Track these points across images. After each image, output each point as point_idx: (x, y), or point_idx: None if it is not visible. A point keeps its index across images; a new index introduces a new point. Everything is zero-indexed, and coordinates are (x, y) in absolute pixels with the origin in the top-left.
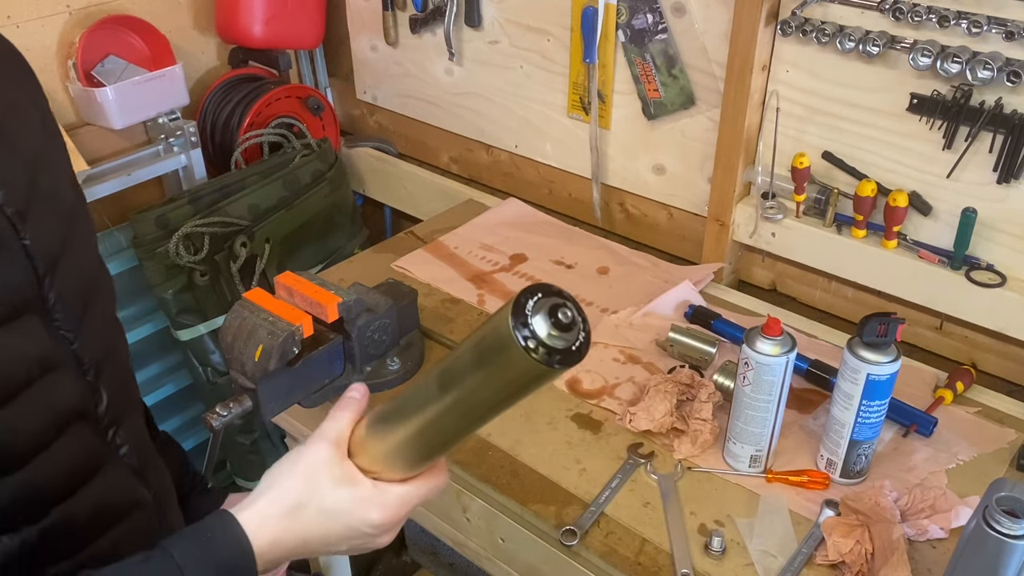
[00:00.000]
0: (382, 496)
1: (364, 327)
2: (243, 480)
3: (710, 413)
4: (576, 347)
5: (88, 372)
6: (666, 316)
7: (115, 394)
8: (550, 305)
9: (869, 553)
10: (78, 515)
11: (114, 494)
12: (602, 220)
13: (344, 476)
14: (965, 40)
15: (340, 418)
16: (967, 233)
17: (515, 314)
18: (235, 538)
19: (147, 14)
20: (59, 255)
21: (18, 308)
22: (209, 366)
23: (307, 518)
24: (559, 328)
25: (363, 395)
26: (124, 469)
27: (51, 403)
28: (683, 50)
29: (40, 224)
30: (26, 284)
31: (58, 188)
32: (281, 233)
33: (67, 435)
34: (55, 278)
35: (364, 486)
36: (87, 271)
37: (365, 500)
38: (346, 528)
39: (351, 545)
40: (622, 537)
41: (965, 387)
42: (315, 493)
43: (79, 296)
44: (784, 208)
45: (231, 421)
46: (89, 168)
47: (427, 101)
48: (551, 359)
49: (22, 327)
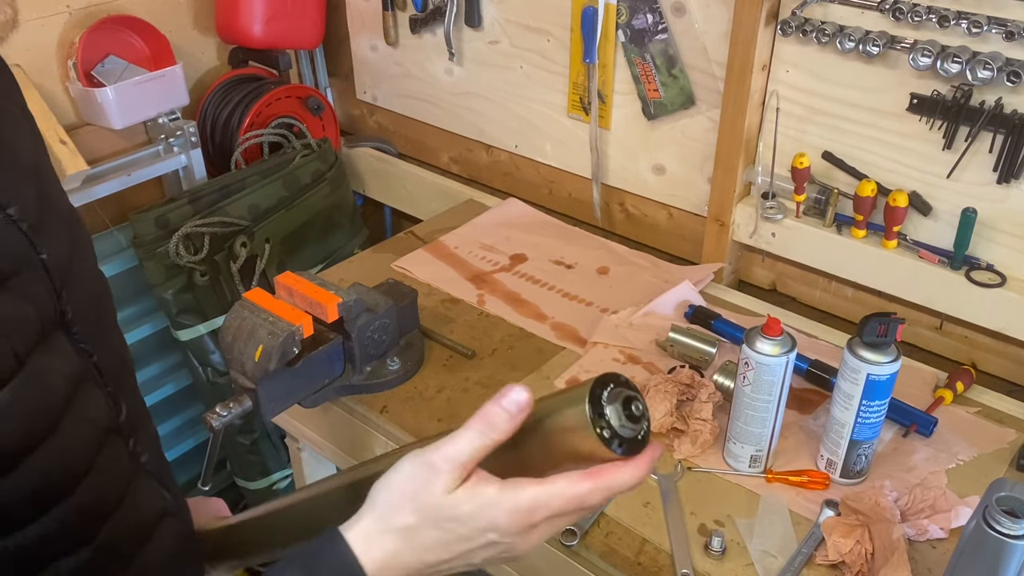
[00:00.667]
0: (510, 499)
1: (364, 327)
2: (243, 480)
3: (710, 413)
4: (641, 436)
5: (109, 383)
6: (666, 316)
7: (131, 402)
8: (624, 397)
9: (869, 553)
10: (123, 529)
11: (147, 504)
12: (602, 220)
13: (459, 482)
14: (965, 40)
15: (471, 443)
16: (967, 233)
17: (591, 402)
18: (343, 561)
19: (147, 14)
20: (69, 265)
21: (46, 327)
22: (209, 366)
23: (423, 538)
24: (631, 419)
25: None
26: (148, 478)
27: (89, 419)
28: (683, 50)
29: (51, 236)
30: (48, 300)
31: (58, 195)
32: (281, 233)
33: (105, 449)
34: (70, 290)
35: (486, 490)
36: (92, 279)
37: (487, 505)
38: (467, 539)
39: (483, 557)
40: (622, 537)
41: (965, 387)
42: (428, 511)
43: (91, 306)
44: (784, 208)
45: (231, 421)
46: (89, 168)
47: (427, 101)
48: (618, 446)
49: (53, 346)
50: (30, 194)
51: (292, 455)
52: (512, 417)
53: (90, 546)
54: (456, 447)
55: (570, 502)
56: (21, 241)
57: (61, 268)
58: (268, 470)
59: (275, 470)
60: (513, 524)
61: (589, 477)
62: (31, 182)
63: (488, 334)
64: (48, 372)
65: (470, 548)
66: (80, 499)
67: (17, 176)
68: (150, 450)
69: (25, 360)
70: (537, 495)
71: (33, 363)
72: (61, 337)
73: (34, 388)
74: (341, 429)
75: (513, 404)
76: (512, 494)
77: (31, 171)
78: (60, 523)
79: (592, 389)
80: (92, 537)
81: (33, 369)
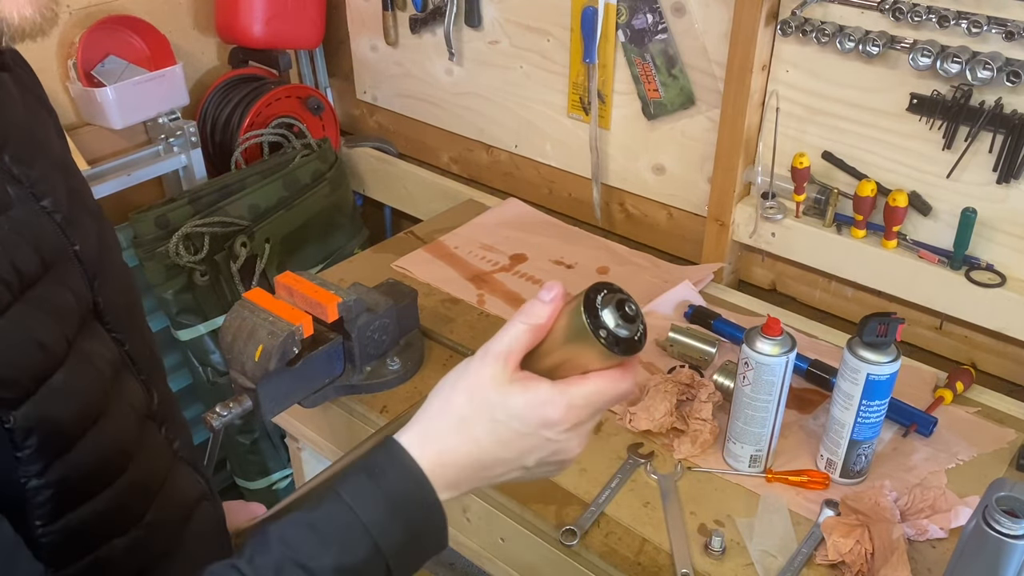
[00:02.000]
0: (561, 395)
1: (364, 327)
2: (243, 480)
3: (710, 413)
4: (638, 337)
5: (141, 372)
6: (666, 316)
7: (162, 391)
8: (617, 299)
9: (869, 553)
10: (167, 511)
11: (184, 489)
12: (602, 220)
13: (513, 381)
14: (965, 40)
15: (512, 332)
16: (967, 233)
17: (587, 309)
18: (403, 465)
19: (147, 14)
20: (99, 258)
21: (85, 317)
22: (209, 366)
23: (476, 431)
24: (626, 320)
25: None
26: (182, 463)
27: (131, 404)
28: (683, 50)
29: (82, 228)
30: (85, 290)
31: (84, 188)
32: (281, 233)
33: (144, 435)
34: (101, 281)
35: (539, 388)
36: (120, 271)
37: (540, 402)
38: (521, 435)
39: (538, 459)
40: (622, 537)
41: (965, 387)
42: (482, 403)
43: (121, 297)
44: (784, 208)
45: (231, 421)
46: (89, 168)
47: (427, 101)
48: (616, 346)
49: (93, 333)
50: (61, 187)
51: (292, 455)
52: (546, 304)
53: (140, 524)
54: (498, 340)
55: (611, 399)
56: (57, 233)
57: (93, 260)
58: (268, 470)
59: (275, 470)
60: (566, 420)
61: (625, 374)
62: (61, 175)
63: (488, 334)
64: (94, 356)
65: (525, 448)
66: (133, 477)
67: (49, 169)
68: (181, 437)
69: (74, 343)
70: (588, 392)
71: (80, 346)
72: (98, 326)
73: (85, 370)
74: (341, 429)
75: (547, 292)
76: (565, 391)
77: (60, 166)
78: (116, 500)
79: (587, 295)
80: (141, 516)
81: (81, 351)
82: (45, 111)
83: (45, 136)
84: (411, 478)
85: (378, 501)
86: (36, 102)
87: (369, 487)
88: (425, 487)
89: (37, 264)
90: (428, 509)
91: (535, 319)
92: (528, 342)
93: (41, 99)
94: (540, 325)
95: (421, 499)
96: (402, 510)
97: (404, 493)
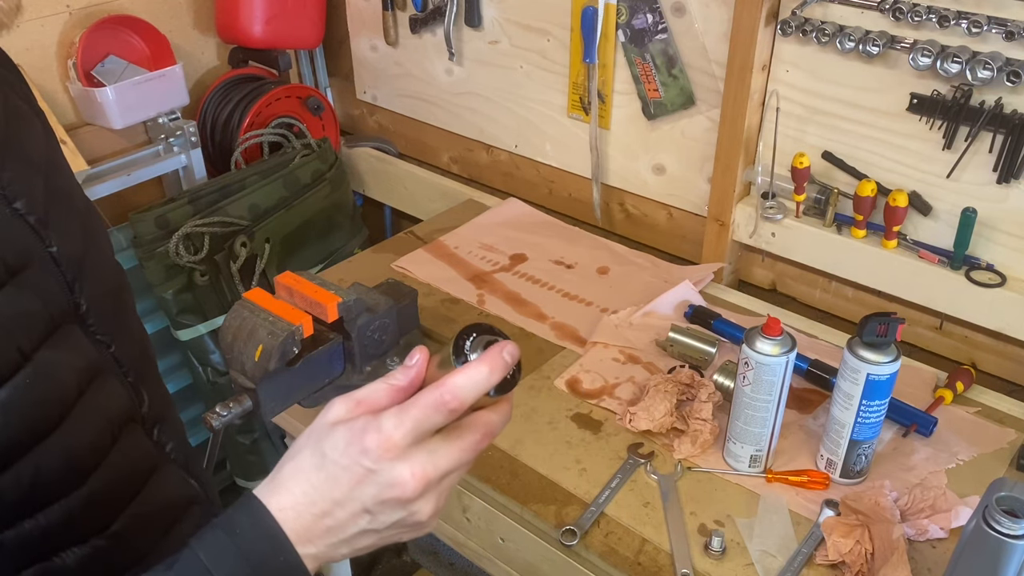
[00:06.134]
0: (374, 420)
1: (364, 327)
2: (243, 480)
3: (710, 413)
4: (510, 376)
5: (129, 374)
6: (666, 316)
7: (154, 392)
8: (486, 342)
9: (869, 553)
10: (143, 518)
11: (171, 492)
12: (602, 220)
13: (341, 417)
14: (965, 40)
15: (372, 386)
16: (967, 233)
17: (455, 353)
18: (262, 523)
19: (147, 14)
20: (83, 258)
21: (56, 320)
22: (209, 366)
23: (307, 470)
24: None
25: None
26: (173, 466)
27: (104, 411)
28: (683, 50)
29: (61, 229)
30: (60, 293)
31: (71, 188)
32: (281, 233)
33: (122, 440)
34: (83, 283)
35: (360, 417)
36: (109, 270)
37: (360, 428)
38: (343, 468)
39: (373, 497)
40: (622, 537)
41: (965, 387)
42: (316, 442)
43: (108, 298)
44: (784, 208)
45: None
46: (89, 168)
47: (427, 101)
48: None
49: (64, 339)
50: (38, 188)
51: None
52: (409, 368)
53: (103, 535)
54: (358, 391)
55: (433, 412)
56: (28, 235)
57: (74, 261)
58: (268, 470)
59: None
60: (386, 447)
61: (438, 387)
62: (40, 176)
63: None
64: (57, 366)
65: (352, 482)
66: (90, 491)
67: (25, 170)
68: (175, 439)
69: (32, 355)
70: (414, 415)
71: (41, 357)
72: (75, 330)
73: (41, 382)
74: None
75: (410, 359)
76: (377, 416)
77: (40, 165)
78: (66, 515)
79: (455, 341)
80: (106, 525)
81: (41, 363)
82: (31, 110)
83: (26, 136)
84: (271, 539)
85: (237, 559)
86: (19, 100)
87: (227, 545)
88: (284, 546)
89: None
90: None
91: (396, 381)
92: (386, 400)
93: (26, 97)
94: (400, 387)
95: (274, 549)
96: (251, 557)
97: (262, 554)
